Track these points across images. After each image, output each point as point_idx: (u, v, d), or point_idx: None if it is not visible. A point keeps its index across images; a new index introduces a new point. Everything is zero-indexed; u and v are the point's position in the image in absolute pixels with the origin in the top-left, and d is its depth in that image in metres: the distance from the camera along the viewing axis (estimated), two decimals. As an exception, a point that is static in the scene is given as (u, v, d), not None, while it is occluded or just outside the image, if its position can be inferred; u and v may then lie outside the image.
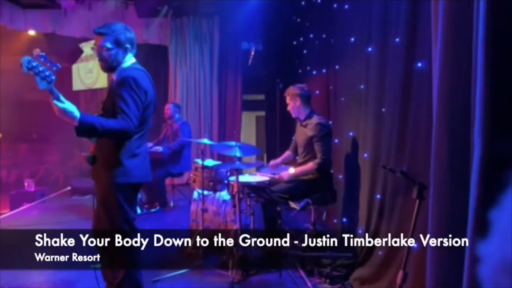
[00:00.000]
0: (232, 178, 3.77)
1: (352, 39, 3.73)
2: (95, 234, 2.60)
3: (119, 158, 2.37)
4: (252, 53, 7.81)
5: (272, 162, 4.04)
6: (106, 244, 2.56)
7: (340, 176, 4.09)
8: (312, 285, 3.08)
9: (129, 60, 2.53)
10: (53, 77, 2.12)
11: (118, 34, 2.45)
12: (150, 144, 5.37)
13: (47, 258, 3.91)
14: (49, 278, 3.37)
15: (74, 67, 8.14)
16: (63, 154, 9.08)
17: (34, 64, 2.04)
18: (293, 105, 3.76)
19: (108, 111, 2.38)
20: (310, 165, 3.60)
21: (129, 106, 2.29)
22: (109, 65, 2.48)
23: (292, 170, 3.71)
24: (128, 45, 2.48)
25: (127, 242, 2.47)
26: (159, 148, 5.41)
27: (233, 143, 3.51)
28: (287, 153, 4.08)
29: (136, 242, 2.51)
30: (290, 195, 3.54)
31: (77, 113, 2.16)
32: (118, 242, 2.47)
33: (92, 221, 2.61)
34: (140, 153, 2.48)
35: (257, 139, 9.68)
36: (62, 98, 2.17)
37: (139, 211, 5.29)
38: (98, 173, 2.47)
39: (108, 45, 2.43)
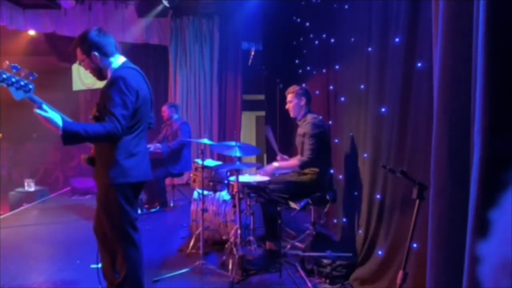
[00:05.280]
0: (232, 178, 3.77)
1: (352, 39, 3.73)
2: (97, 234, 2.60)
3: (116, 159, 2.36)
4: (252, 53, 7.80)
5: (279, 157, 4.03)
6: (107, 245, 2.56)
7: (340, 176, 4.09)
8: (312, 285, 3.08)
9: (117, 60, 2.51)
10: (31, 86, 2.11)
11: (82, 44, 2.44)
12: (150, 146, 5.36)
13: (47, 258, 3.92)
14: (49, 278, 3.37)
15: (74, 67, 8.14)
16: (63, 154, 9.09)
17: (5, 76, 2.02)
18: (296, 102, 3.77)
19: (102, 113, 2.36)
20: (294, 162, 3.63)
21: (116, 107, 2.27)
22: (96, 73, 2.50)
23: (276, 164, 3.73)
24: (97, 48, 2.43)
25: (129, 242, 2.47)
26: (158, 147, 5.40)
27: (233, 143, 3.50)
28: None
29: (137, 242, 2.51)
30: (290, 195, 3.54)
31: (60, 122, 2.14)
32: (120, 243, 2.46)
33: (94, 221, 2.61)
34: (138, 152, 2.46)
35: (257, 139, 9.68)
36: (45, 106, 2.16)
37: (139, 211, 5.29)
38: (98, 174, 2.46)
39: (81, 57, 2.46)
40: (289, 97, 3.81)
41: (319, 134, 3.62)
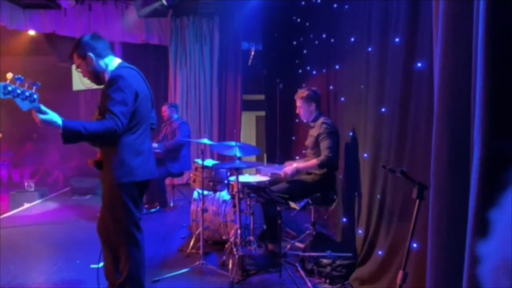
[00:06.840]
0: (232, 178, 3.76)
1: (352, 39, 3.73)
2: (100, 234, 2.60)
3: (124, 158, 2.38)
4: (252, 53, 7.80)
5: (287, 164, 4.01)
6: (110, 245, 2.56)
7: (340, 176, 4.09)
8: (312, 285, 3.08)
9: (113, 62, 2.55)
10: (35, 96, 2.11)
11: (78, 47, 2.49)
12: (154, 145, 5.36)
13: (47, 258, 3.92)
14: (49, 278, 3.37)
15: (74, 67, 8.14)
16: (63, 154, 9.09)
17: (10, 88, 2.02)
18: (306, 108, 3.75)
19: (104, 115, 2.37)
20: (313, 161, 3.59)
21: (116, 104, 2.29)
22: (93, 76, 2.53)
23: (295, 164, 3.70)
24: (91, 49, 2.48)
25: (133, 242, 2.47)
26: (155, 146, 5.39)
27: (233, 143, 3.50)
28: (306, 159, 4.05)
29: (141, 242, 2.51)
30: (290, 195, 3.54)
31: (59, 121, 2.15)
32: (124, 243, 2.46)
33: (97, 221, 2.61)
34: (144, 150, 2.50)
35: (257, 139, 9.68)
36: (47, 110, 2.16)
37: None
38: (105, 174, 2.47)
39: (78, 61, 2.51)
40: (298, 102, 3.79)
41: (333, 133, 3.62)
